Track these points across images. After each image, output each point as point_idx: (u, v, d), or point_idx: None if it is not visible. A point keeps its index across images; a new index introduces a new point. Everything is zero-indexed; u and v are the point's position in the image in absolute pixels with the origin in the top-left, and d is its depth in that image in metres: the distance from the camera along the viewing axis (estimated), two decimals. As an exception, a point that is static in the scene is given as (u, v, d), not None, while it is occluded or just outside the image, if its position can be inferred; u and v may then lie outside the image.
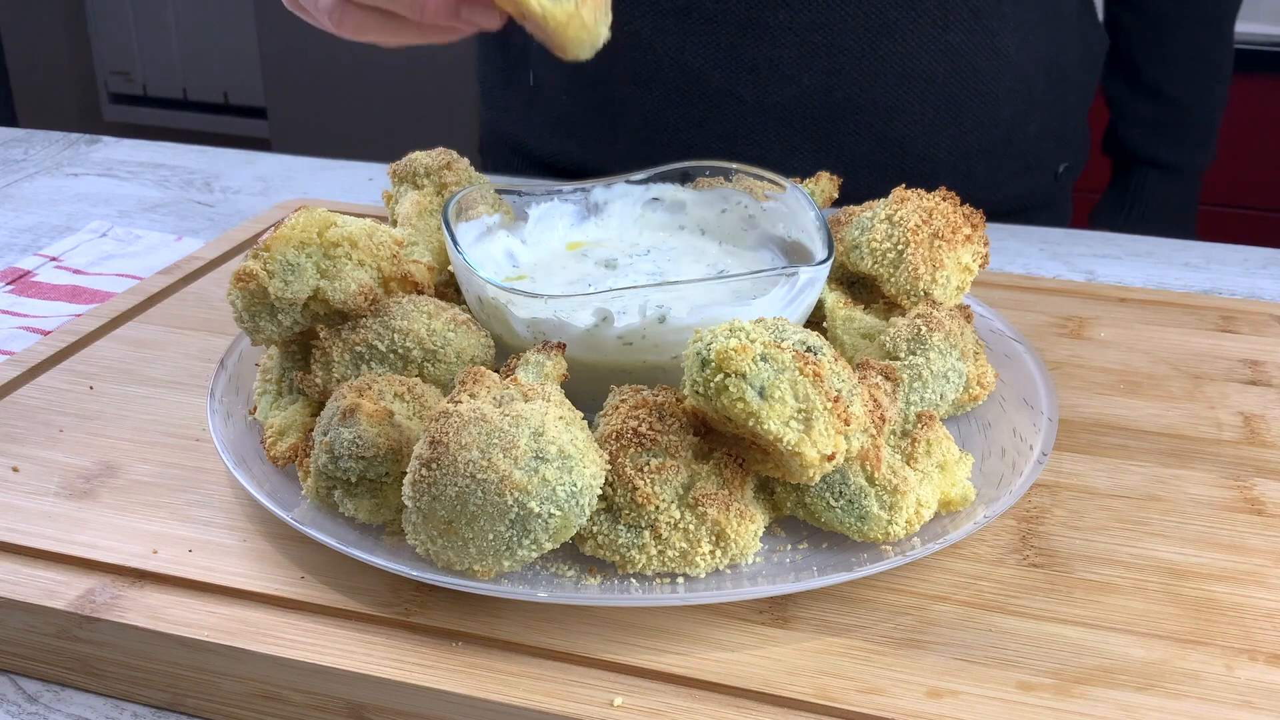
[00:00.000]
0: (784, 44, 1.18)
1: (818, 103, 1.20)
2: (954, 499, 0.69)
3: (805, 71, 1.19)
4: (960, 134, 1.23)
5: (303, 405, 0.74)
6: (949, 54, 1.19)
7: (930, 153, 1.23)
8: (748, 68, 1.19)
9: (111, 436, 0.80)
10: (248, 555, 0.68)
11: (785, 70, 1.19)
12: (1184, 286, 1.10)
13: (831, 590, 0.66)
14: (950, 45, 1.19)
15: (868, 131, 1.22)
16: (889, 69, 1.19)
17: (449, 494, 0.59)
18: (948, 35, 1.18)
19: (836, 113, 1.21)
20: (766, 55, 1.18)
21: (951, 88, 1.21)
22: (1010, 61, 1.22)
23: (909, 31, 1.17)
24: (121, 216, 1.26)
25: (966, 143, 1.24)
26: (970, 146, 1.24)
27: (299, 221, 0.72)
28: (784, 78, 1.19)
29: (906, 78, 1.19)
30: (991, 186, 1.27)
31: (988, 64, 1.21)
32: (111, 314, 0.96)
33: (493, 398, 0.62)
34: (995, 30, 1.20)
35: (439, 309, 0.74)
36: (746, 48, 1.19)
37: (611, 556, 0.63)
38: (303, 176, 1.39)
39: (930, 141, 1.23)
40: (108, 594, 0.65)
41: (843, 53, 1.18)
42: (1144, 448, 0.80)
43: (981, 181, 1.26)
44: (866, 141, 1.22)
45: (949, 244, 0.79)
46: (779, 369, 0.60)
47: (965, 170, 1.25)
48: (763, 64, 1.19)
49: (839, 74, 1.19)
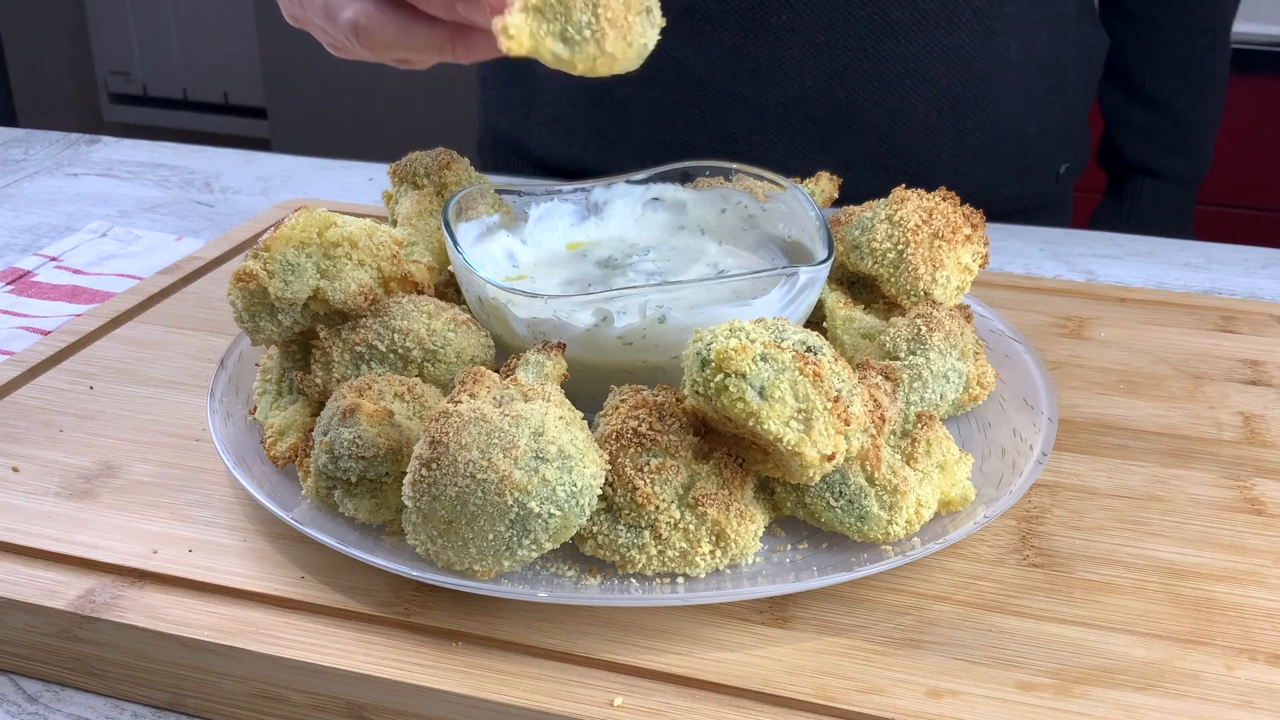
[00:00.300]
0: (787, 44, 1.18)
1: (820, 103, 1.20)
2: (954, 499, 0.69)
3: (808, 72, 1.19)
4: (961, 135, 1.23)
5: (303, 405, 0.74)
6: (951, 55, 1.19)
7: (932, 153, 1.23)
8: (750, 68, 1.19)
9: (111, 436, 0.80)
10: (248, 555, 0.68)
11: (788, 71, 1.19)
12: (1184, 286, 1.10)
13: (831, 590, 0.66)
14: (952, 47, 1.19)
15: (870, 132, 1.22)
16: (892, 70, 1.19)
17: (449, 494, 0.59)
18: (950, 37, 1.18)
19: (839, 113, 1.21)
20: (769, 56, 1.18)
21: (953, 89, 1.21)
22: (1012, 63, 1.22)
23: (912, 32, 1.17)
24: (121, 216, 1.26)
25: (968, 143, 1.24)
26: (971, 147, 1.24)
27: (299, 221, 0.72)
28: (787, 78, 1.19)
29: (909, 79, 1.19)
30: (993, 187, 1.27)
31: (990, 65, 1.21)
32: (111, 314, 0.96)
33: (493, 398, 0.62)
34: (997, 32, 1.20)
35: (439, 309, 0.74)
36: (749, 48, 1.18)
37: (611, 556, 0.63)
38: (303, 176, 1.39)
39: (932, 142, 1.23)
40: (108, 594, 0.65)
41: (846, 53, 1.18)
42: (1144, 448, 0.80)
43: (982, 182, 1.26)
44: (869, 142, 1.22)
45: (949, 244, 0.80)
46: (779, 369, 0.60)
47: (966, 171, 1.25)
48: (765, 64, 1.19)
49: (842, 75, 1.19)
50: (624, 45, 0.65)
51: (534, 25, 0.64)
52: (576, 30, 0.64)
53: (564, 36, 0.64)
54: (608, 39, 0.65)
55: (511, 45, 0.63)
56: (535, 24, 0.64)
